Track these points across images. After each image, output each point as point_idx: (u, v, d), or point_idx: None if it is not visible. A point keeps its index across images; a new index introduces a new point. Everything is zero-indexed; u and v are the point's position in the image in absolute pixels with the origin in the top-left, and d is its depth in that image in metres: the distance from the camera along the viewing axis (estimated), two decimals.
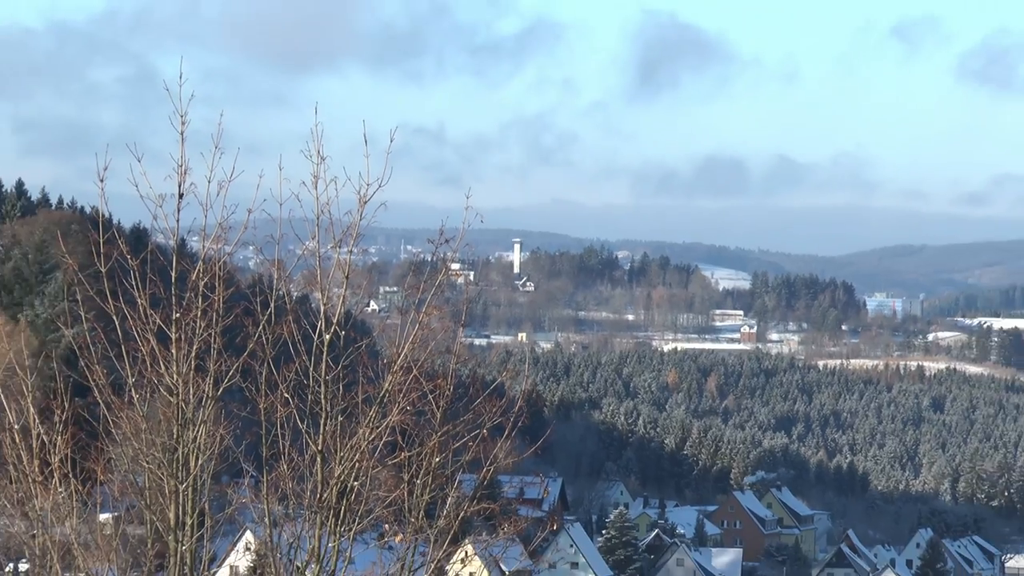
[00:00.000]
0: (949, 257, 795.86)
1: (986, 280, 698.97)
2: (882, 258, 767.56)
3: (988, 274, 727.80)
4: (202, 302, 19.48)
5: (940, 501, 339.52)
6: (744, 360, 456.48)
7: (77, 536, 19.72)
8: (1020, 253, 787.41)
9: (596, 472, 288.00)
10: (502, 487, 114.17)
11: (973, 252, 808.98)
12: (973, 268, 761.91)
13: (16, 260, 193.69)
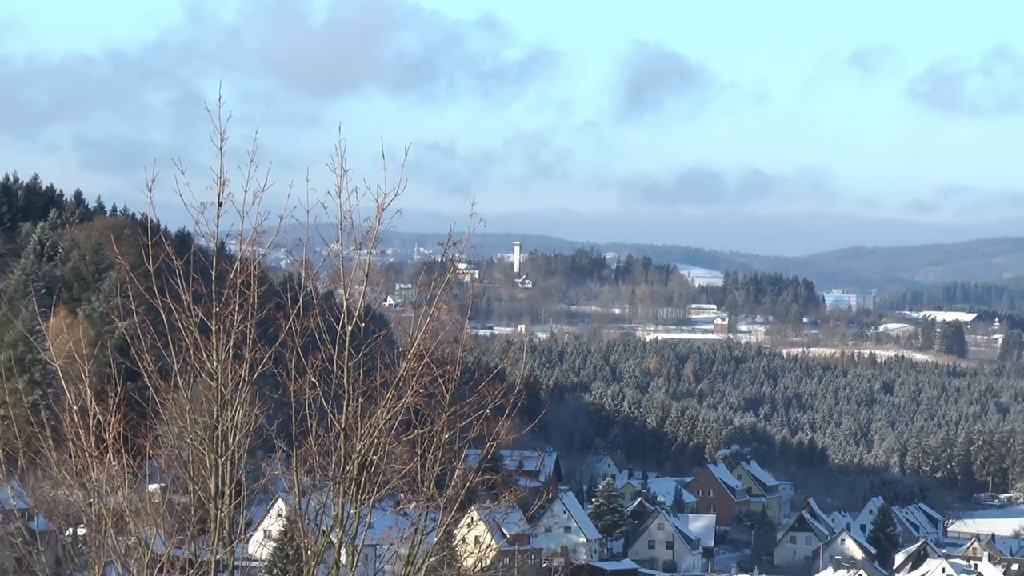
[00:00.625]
0: (898, 258, 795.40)
1: (930, 278, 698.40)
2: (839, 258, 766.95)
3: (932, 273, 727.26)
4: (239, 298, 19.50)
5: (890, 473, 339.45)
6: (717, 348, 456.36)
7: (129, 504, 19.73)
8: (961, 255, 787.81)
9: (586, 447, 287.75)
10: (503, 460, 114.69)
11: (919, 253, 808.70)
12: (919, 267, 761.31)
13: (75, 261, 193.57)
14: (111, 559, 19.75)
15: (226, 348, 19.43)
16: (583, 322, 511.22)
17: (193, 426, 19.66)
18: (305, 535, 20.12)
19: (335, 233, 20.16)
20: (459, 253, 21.74)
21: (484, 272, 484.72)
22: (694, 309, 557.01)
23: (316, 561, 20.00)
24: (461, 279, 20.65)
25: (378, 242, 20.35)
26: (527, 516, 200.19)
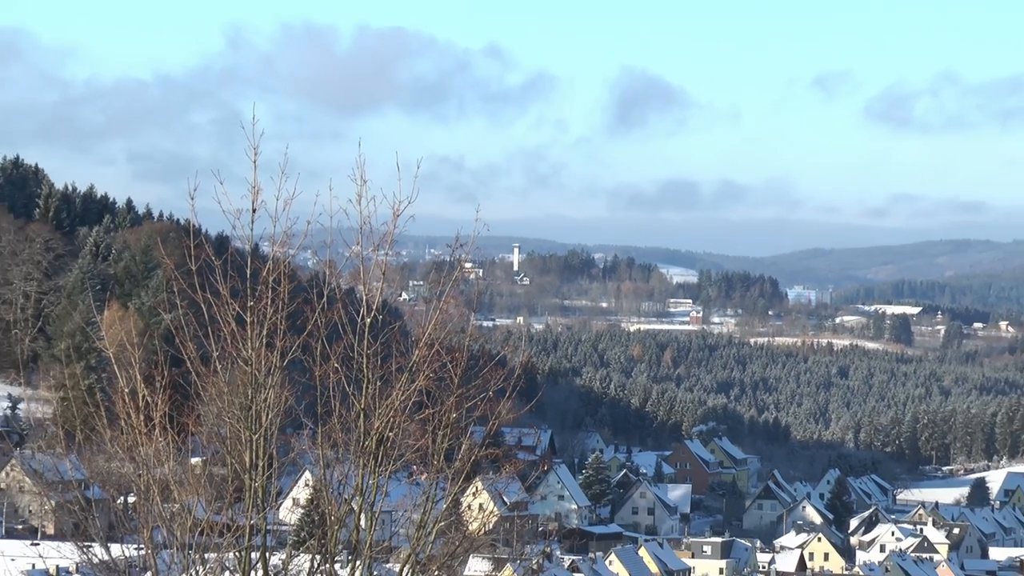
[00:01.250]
0: (853, 258, 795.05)
1: (881, 276, 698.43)
2: (800, 258, 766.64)
3: (883, 271, 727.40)
4: (271, 294, 19.50)
5: (845, 447, 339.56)
6: (692, 338, 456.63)
7: (173, 475, 19.74)
8: (908, 255, 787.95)
9: (577, 425, 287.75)
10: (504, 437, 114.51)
11: (871, 254, 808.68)
12: (871, 267, 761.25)
13: (126, 260, 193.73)
14: (157, 524, 19.76)
15: (259, 338, 19.42)
16: (574, 315, 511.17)
17: (230, 406, 19.66)
18: (329, 502, 20.12)
19: (356, 236, 20.17)
20: (465, 254, 21.78)
21: (487, 270, 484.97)
22: (672, 303, 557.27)
23: (339, 526, 20.00)
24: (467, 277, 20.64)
25: (393, 244, 20.38)
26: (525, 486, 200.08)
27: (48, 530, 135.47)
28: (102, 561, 20.28)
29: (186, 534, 19.65)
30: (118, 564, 20.07)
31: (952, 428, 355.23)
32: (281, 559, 20.16)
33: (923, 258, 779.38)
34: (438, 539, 20.57)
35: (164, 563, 19.74)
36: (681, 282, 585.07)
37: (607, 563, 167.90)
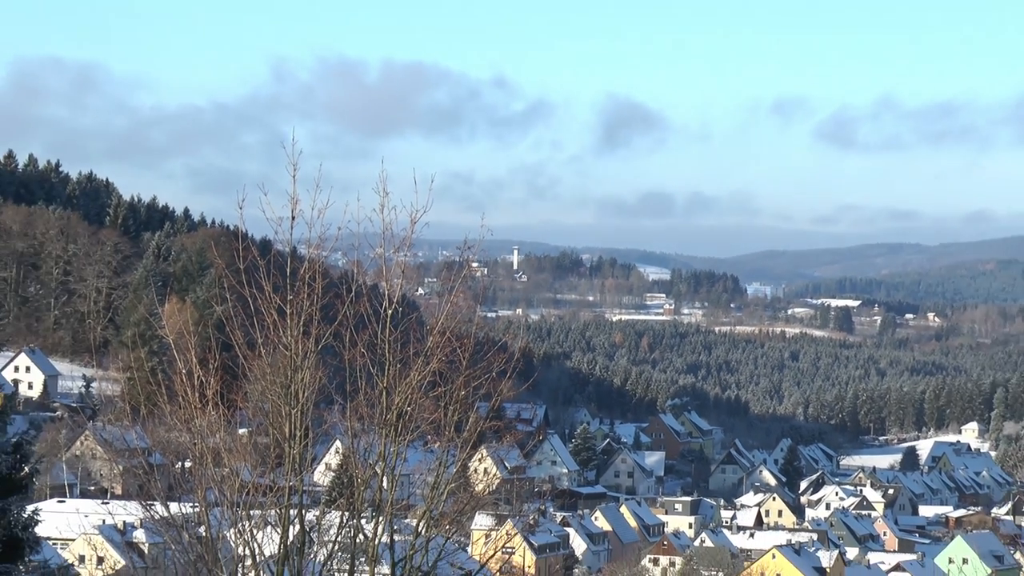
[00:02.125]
0: (803, 259, 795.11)
1: (827, 274, 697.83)
2: (758, 259, 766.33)
3: (828, 270, 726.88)
4: (307, 289, 19.51)
5: (796, 420, 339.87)
6: (665, 327, 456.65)
7: (223, 444, 19.73)
8: (850, 256, 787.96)
9: (568, 401, 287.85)
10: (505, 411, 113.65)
11: (819, 255, 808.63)
12: (819, 266, 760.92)
13: (184, 261, 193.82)
14: (210, 485, 19.76)
15: (297, 327, 19.42)
16: (565, 307, 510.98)
17: (272, 385, 19.66)
18: (356, 467, 20.12)
19: (379, 240, 20.17)
20: (472, 255, 21.78)
21: (491, 269, 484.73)
22: (648, 297, 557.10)
23: (364, 487, 19.99)
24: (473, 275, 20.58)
25: (411, 247, 20.38)
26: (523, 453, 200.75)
27: (116, 491, 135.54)
28: (162, 517, 20.28)
29: (234, 494, 19.64)
30: (176, 520, 20.07)
31: (887, 404, 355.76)
32: (315, 515, 20.15)
33: (863, 259, 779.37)
34: (449, 498, 20.56)
35: (215, 519, 19.74)
36: (656, 279, 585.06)
37: (593, 519, 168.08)
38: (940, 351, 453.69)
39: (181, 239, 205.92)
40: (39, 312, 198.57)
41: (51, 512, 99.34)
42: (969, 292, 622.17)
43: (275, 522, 19.64)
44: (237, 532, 19.61)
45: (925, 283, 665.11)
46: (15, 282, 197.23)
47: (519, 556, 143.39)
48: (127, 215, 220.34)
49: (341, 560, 20.08)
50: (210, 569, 19.43)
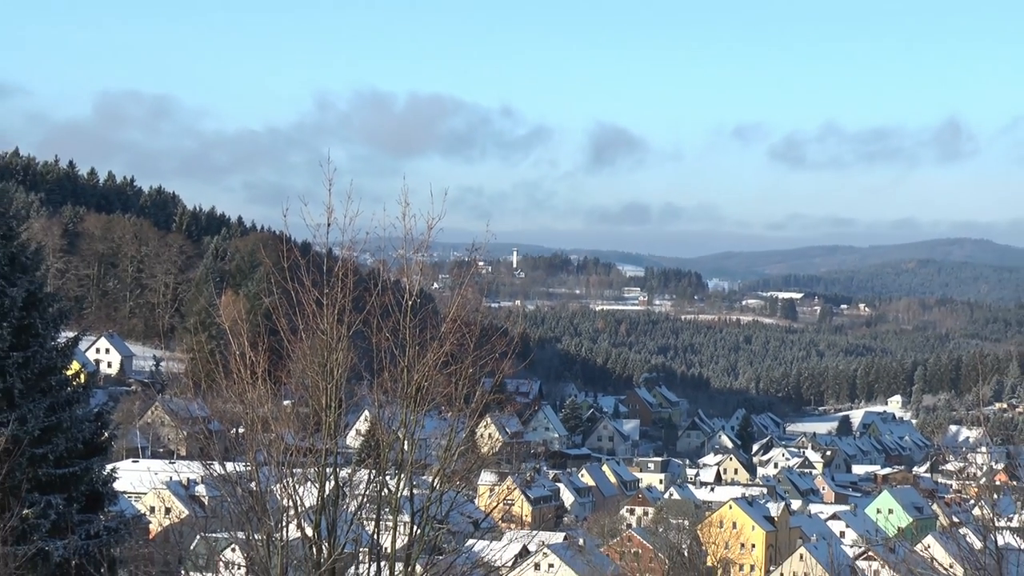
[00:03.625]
0: (756, 258, 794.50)
1: (776, 271, 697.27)
2: (719, 259, 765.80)
3: (777, 268, 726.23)
4: (340, 284, 19.50)
5: (749, 393, 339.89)
6: (640, 315, 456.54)
7: (270, 413, 19.72)
8: (795, 257, 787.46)
9: (559, 377, 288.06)
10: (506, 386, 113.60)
11: (769, 256, 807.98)
12: (768, 265, 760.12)
13: (238, 260, 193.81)
14: (259, 448, 19.76)
15: (332, 315, 19.41)
16: (556, 299, 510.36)
17: (311, 364, 19.65)
18: (382, 432, 20.12)
19: (401, 242, 20.17)
20: (479, 255, 21.78)
21: (494, 267, 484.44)
22: (626, 291, 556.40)
23: (388, 448, 19.99)
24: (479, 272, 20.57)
25: (428, 248, 20.39)
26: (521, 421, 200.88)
27: (181, 452, 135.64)
28: (219, 475, 20.28)
29: (279, 455, 19.64)
30: (231, 477, 20.07)
31: (825, 380, 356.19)
32: (347, 473, 20.15)
33: (806, 259, 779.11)
34: (459, 459, 20.56)
35: (264, 476, 19.74)
36: (632, 276, 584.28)
37: (580, 476, 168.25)
38: (869, 336, 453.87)
39: (235, 242, 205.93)
40: (116, 303, 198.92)
41: (126, 470, 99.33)
42: (894, 287, 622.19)
43: (314, 478, 19.64)
44: (282, 487, 19.61)
45: (857, 279, 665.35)
46: (97, 278, 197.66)
47: (518, 507, 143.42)
48: (190, 222, 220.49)
49: (369, 510, 20.08)
50: (259, 518, 19.43)
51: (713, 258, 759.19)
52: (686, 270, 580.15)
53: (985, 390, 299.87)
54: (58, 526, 29.71)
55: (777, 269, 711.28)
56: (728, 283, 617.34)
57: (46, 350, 30.64)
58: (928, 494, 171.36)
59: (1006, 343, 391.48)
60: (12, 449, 27.17)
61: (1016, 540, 27.56)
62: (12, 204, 33.01)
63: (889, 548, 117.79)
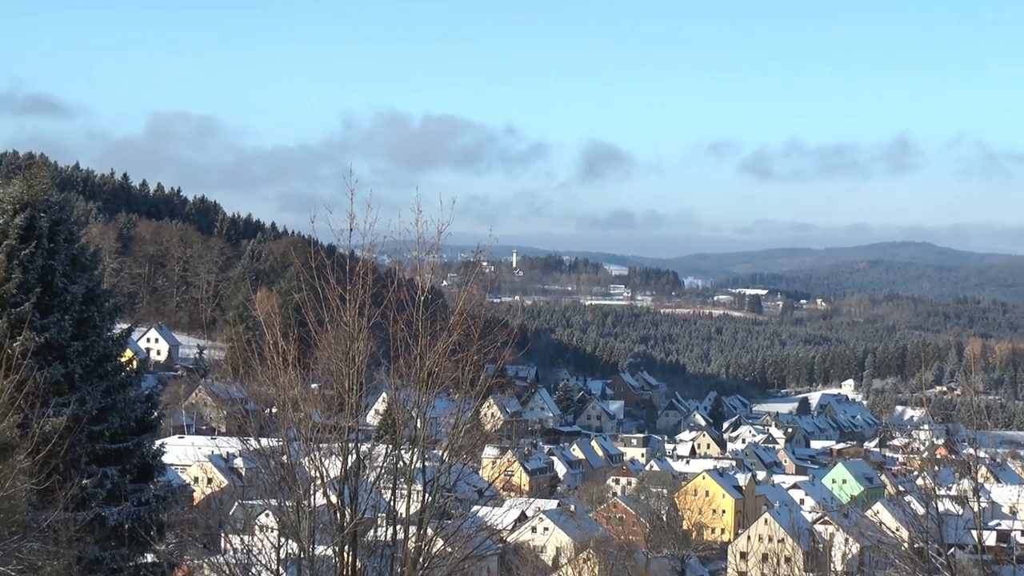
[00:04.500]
0: (727, 259, 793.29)
1: (744, 271, 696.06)
2: (694, 259, 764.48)
3: (744, 267, 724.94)
4: (361, 281, 19.49)
5: (720, 378, 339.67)
6: (624, 309, 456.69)
7: (300, 395, 19.72)
8: (761, 258, 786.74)
9: (553, 363, 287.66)
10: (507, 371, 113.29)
11: (738, 257, 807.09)
12: (737, 264, 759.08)
13: (271, 261, 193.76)
14: (290, 426, 19.76)
15: (354, 309, 19.40)
16: (551, 295, 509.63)
17: (335, 352, 19.63)
18: (397, 411, 20.11)
19: (414, 245, 20.16)
20: (483, 256, 21.78)
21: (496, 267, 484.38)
22: (611, 287, 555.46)
23: (404, 426, 19.99)
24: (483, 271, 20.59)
25: (438, 250, 20.38)
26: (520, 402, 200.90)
27: (221, 429, 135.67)
28: (255, 449, 20.27)
29: (307, 432, 19.64)
30: (265, 451, 20.07)
31: (787, 365, 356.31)
32: (367, 447, 20.14)
33: (770, 259, 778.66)
34: (466, 435, 20.55)
35: (294, 450, 19.74)
36: (617, 274, 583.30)
37: (571, 450, 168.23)
38: (826, 327, 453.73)
39: (269, 245, 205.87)
40: (165, 298, 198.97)
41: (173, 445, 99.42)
42: (847, 284, 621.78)
43: (337, 452, 19.64)
44: (310, 460, 19.61)
45: (815, 277, 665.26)
46: (147, 276, 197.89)
47: (517, 477, 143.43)
48: (230, 227, 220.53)
49: (386, 480, 20.07)
50: (290, 487, 19.43)
51: (689, 259, 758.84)
52: (665, 269, 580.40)
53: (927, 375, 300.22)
54: (113, 494, 29.74)
55: (745, 268, 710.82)
56: (702, 281, 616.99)
57: (103, 340, 30.68)
58: (877, 466, 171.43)
59: (945, 334, 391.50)
60: (73, 427, 27.19)
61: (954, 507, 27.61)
62: (73, 212, 33.02)
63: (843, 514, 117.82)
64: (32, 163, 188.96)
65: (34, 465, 22.49)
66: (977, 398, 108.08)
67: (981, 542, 28.27)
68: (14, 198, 29.89)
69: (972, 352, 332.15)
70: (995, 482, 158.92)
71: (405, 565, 19.22)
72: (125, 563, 29.44)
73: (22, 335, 28.34)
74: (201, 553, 27.52)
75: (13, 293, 28.99)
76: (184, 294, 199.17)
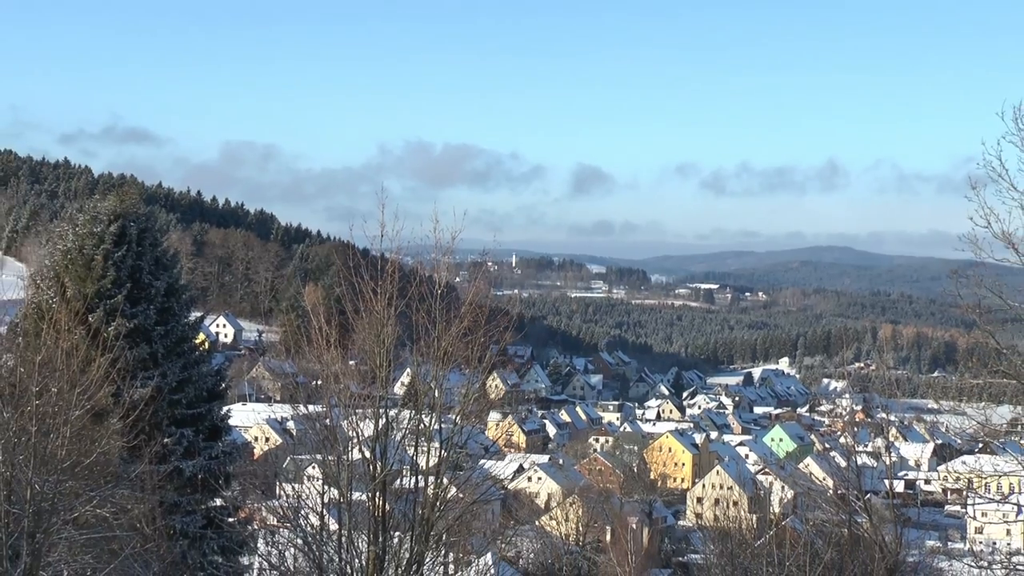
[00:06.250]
0: (686, 260, 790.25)
1: (700, 269, 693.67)
2: (659, 260, 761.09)
3: (701, 267, 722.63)
4: (389, 278, 19.43)
5: (680, 356, 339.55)
6: (602, 301, 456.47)
7: (340, 370, 19.67)
8: (715, 259, 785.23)
9: (545, 344, 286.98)
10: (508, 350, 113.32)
11: (696, 258, 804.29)
12: (695, 264, 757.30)
13: (317, 261, 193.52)
14: (332, 395, 19.73)
15: (383, 300, 19.35)
16: (543, 290, 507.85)
17: (369, 335, 19.57)
18: (419, 383, 20.08)
19: (433, 248, 20.11)
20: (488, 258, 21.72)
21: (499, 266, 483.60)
22: (592, 283, 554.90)
23: (423, 395, 19.96)
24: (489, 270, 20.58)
25: (452, 252, 20.31)
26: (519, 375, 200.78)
27: (276, 398, 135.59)
28: (304, 414, 20.25)
29: (346, 399, 19.61)
30: (311, 415, 20.05)
31: (734, 346, 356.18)
32: (395, 412, 20.12)
33: (722, 260, 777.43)
34: (475, 402, 20.51)
35: (336, 414, 19.71)
36: (597, 272, 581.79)
37: (560, 415, 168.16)
38: (766, 315, 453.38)
39: (315, 249, 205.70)
40: (230, 292, 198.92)
41: (237, 411, 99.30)
42: (784, 280, 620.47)
43: (370, 416, 19.60)
44: (348, 423, 19.58)
45: (757, 275, 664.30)
46: (216, 274, 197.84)
47: (516, 436, 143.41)
48: (284, 234, 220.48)
49: (409, 439, 20.05)
50: (332, 445, 19.41)
51: (655, 259, 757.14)
52: (636, 268, 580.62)
53: (848, 354, 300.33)
54: (188, 451, 29.76)
55: (701, 267, 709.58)
56: (666, 277, 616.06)
57: (181, 325, 30.67)
58: (807, 428, 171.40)
59: (863, 320, 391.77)
60: (156, 396, 27.20)
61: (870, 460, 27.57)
62: (156, 222, 32.95)
63: (780, 466, 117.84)
64: (124, 182, 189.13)
65: (125, 427, 22.50)
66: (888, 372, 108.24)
67: (892, 489, 28.29)
68: (109, 211, 29.93)
69: (884, 335, 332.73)
70: (903, 441, 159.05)
71: (425, 508, 19.21)
72: (198, 506, 29.46)
73: (115, 321, 28.38)
74: (260, 498, 27.50)
75: (108, 288, 29.02)
76: (246, 288, 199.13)
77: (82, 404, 16.87)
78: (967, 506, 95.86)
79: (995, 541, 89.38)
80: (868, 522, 26.56)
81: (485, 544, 47.63)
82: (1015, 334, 19.39)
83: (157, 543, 22.07)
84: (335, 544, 19.03)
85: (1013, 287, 16.66)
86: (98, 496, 17.54)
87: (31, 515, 15.46)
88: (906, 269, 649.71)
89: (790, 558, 24.56)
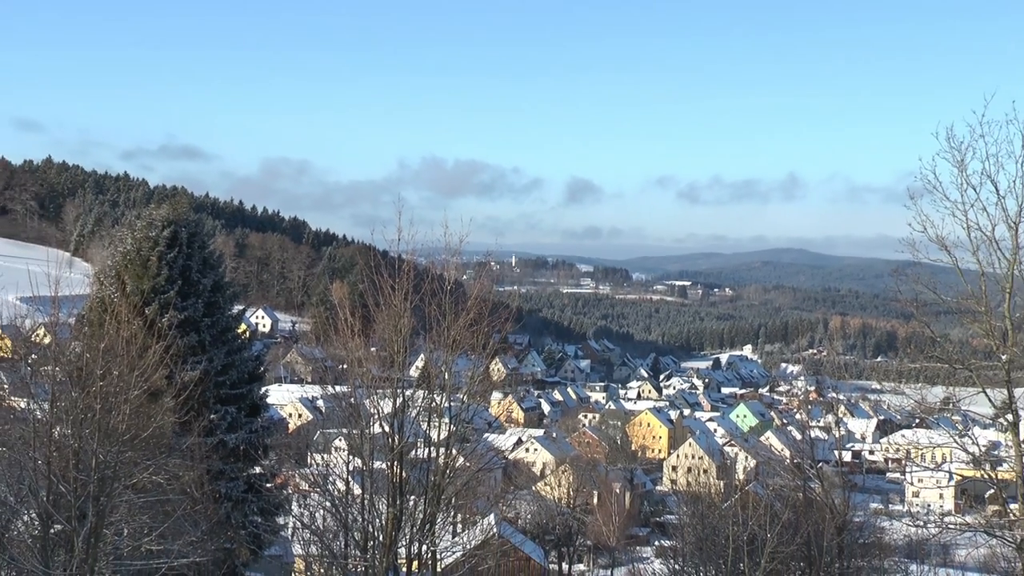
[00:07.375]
0: (664, 260, 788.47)
1: (675, 268, 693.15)
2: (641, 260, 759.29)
3: (676, 266, 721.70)
4: (405, 276, 19.41)
5: (658, 343, 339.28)
6: (590, 296, 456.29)
7: (363, 355, 19.66)
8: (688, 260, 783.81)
9: (540, 333, 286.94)
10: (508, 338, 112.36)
11: (672, 259, 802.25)
12: (671, 264, 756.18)
13: (343, 261, 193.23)
14: (356, 377, 19.73)
15: (400, 295, 19.34)
16: (539, 286, 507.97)
17: (388, 325, 19.56)
18: (432, 367, 20.08)
19: (443, 250, 20.10)
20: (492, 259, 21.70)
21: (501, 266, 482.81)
22: (582, 280, 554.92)
23: (435, 377, 19.96)
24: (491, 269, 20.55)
25: (459, 254, 20.31)
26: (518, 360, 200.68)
27: (308, 380, 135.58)
28: (332, 393, 20.24)
29: (368, 381, 19.60)
30: (339, 394, 20.05)
31: (705, 335, 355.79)
32: (410, 392, 20.12)
33: (694, 261, 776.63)
34: (479, 383, 20.52)
35: (359, 394, 19.72)
36: (586, 271, 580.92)
37: (553, 394, 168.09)
38: (732, 308, 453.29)
39: (341, 250, 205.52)
40: (268, 288, 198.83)
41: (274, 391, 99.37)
42: (748, 278, 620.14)
43: (389, 396, 19.62)
44: (370, 401, 19.60)
45: (725, 273, 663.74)
46: (256, 273, 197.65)
47: (515, 413, 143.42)
48: (314, 238, 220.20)
49: (423, 415, 20.06)
50: (356, 420, 19.42)
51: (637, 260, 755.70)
52: (619, 267, 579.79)
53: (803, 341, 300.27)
54: (232, 425, 29.79)
55: (676, 267, 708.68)
56: (645, 275, 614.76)
57: (225, 317, 30.71)
58: (768, 406, 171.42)
59: (816, 313, 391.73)
60: (204, 378, 27.24)
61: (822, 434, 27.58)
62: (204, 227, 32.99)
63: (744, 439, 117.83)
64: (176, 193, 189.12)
65: (177, 404, 22.53)
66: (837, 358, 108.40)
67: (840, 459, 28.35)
68: (163, 217, 30.01)
69: (834, 326, 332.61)
70: (850, 416, 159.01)
71: (437, 475, 19.23)
72: (240, 474, 29.51)
73: (168, 313, 28.44)
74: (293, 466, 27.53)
75: (162, 284, 29.08)
76: (281, 285, 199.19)
77: (140, 385, 16.91)
78: (905, 473, 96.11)
79: (929, 504, 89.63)
80: (820, 487, 26.64)
81: (489, 506, 47.67)
82: (947, 325, 19.51)
83: (205, 505, 22.13)
84: (359, 506, 19.08)
85: (945, 284, 16.72)
86: (153, 465, 17.59)
87: (96, 481, 15.52)
88: (854, 268, 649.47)
89: (753, 518, 24.66)
